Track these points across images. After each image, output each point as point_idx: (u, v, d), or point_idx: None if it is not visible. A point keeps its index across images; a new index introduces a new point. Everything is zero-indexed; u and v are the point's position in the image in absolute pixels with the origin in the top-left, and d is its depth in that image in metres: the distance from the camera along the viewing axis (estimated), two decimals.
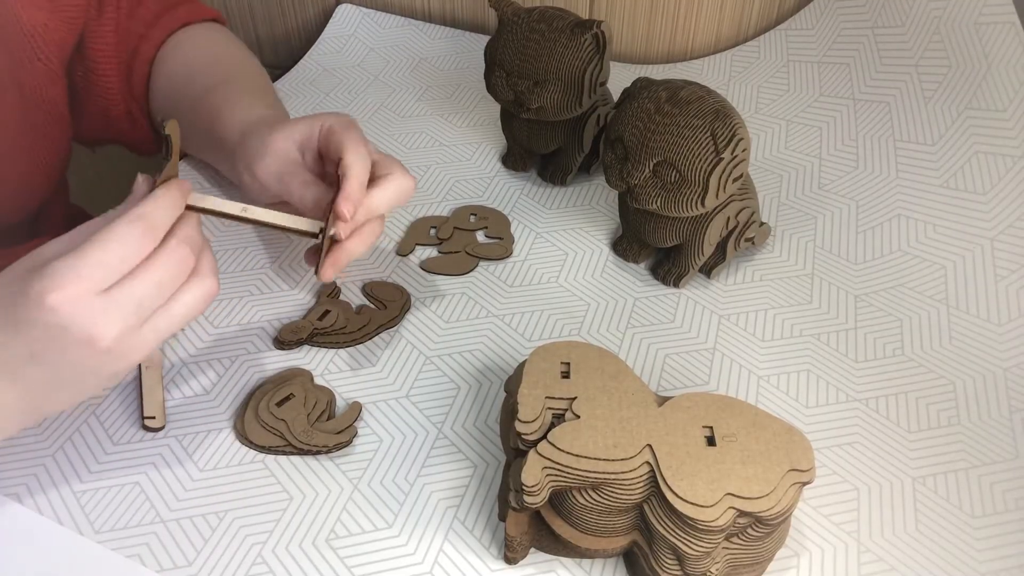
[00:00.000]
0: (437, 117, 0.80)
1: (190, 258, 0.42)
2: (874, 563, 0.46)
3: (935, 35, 0.70)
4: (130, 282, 0.39)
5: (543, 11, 0.62)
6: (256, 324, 0.58)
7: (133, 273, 0.40)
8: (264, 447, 0.50)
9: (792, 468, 0.40)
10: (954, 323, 0.59)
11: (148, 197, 0.41)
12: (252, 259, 0.63)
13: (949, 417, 0.53)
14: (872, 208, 0.68)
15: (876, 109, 0.72)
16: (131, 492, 0.48)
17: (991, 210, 0.62)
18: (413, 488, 0.49)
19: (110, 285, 0.39)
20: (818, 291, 0.62)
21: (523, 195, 0.70)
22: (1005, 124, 0.64)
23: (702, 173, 0.52)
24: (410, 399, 0.53)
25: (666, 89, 0.53)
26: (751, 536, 0.41)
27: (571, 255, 0.65)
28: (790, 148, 0.75)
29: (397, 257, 0.64)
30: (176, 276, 0.41)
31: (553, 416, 0.43)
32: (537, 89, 0.62)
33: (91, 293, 0.38)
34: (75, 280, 0.38)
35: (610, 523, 0.42)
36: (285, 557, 0.45)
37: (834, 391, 0.55)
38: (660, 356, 0.57)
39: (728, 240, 0.60)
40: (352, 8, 0.94)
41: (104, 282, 0.39)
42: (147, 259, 0.40)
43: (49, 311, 0.37)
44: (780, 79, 0.81)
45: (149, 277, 0.40)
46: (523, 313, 0.60)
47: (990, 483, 0.49)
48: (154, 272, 0.40)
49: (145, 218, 0.40)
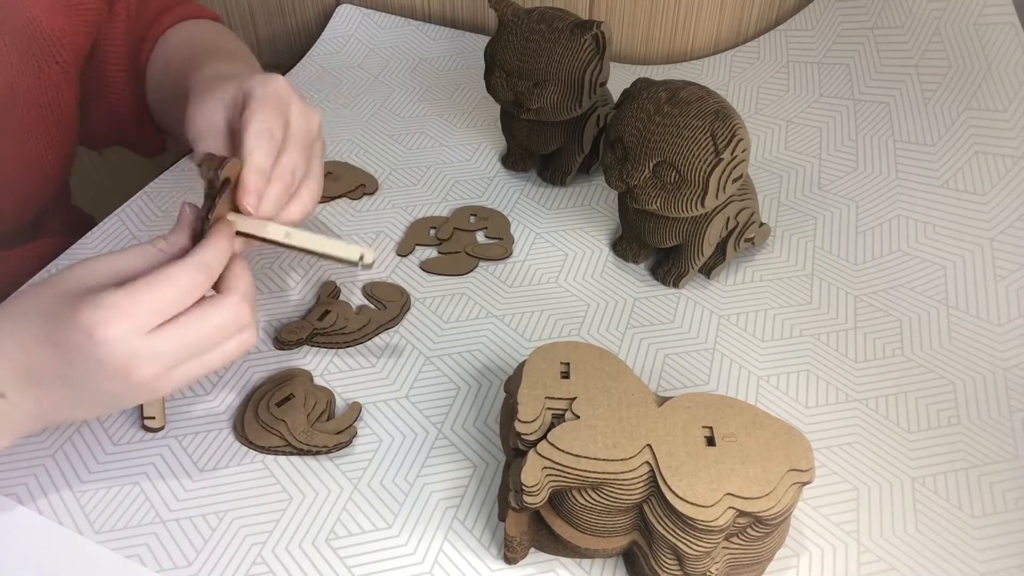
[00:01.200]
0: (437, 117, 0.80)
1: (248, 317, 0.42)
2: (874, 563, 0.46)
3: (935, 35, 0.70)
4: (180, 329, 0.39)
5: (543, 12, 0.62)
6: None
7: (185, 319, 0.40)
8: (264, 447, 0.50)
9: (792, 468, 0.40)
10: (954, 323, 0.59)
11: (209, 244, 0.41)
12: (252, 259, 0.63)
13: (949, 417, 0.53)
14: (872, 208, 0.68)
15: (876, 109, 0.72)
16: (131, 492, 0.48)
17: (991, 210, 0.63)
18: (413, 488, 0.49)
19: (157, 326, 0.39)
20: (818, 291, 0.62)
21: (523, 195, 0.70)
22: (1005, 124, 0.64)
23: (702, 173, 0.52)
24: (410, 399, 0.53)
25: (666, 90, 0.53)
26: (751, 536, 0.41)
27: (571, 255, 0.65)
28: (790, 148, 0.75)
29: (397, 257, 0.64)
30: (230, 332, 0.41)
31: (553, 416, 0.43)
32: (537, 90, 0.62)
33: (137, 333, 0.38)
34: (126, 318, 0.38)
35: (610, 523, 0.42)
36: (285, 557, 0.45)
37: (834, 391, 0.55)
38: (660, 356, 0.57)
39: (728, 240, 0.60)
40: (352, 8, 0.94)
41: (152, 323, 0.39)
42: (205, 309, 0.40)
43: (95, 343, 0.38)
44: (780, 80, 0.81)
45: (201, 329, 0.40)
46: (523, 313, 0.60)
47: (990, 483, 0.49)
48: (208, 325, 0.40)
49: (203, 268, 0.40)
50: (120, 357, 0.38)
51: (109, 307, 0.38)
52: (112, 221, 0.65)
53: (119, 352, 0.38)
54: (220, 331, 0.41)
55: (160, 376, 0.40)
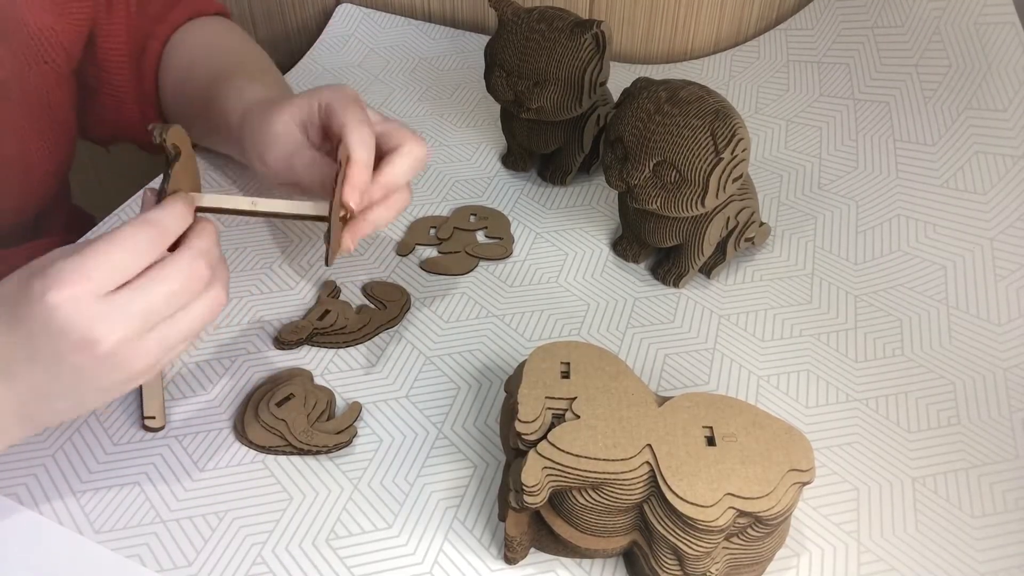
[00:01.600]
0: (437, 117, 0.80)
1: (206, 272, 0.40)
2: (874, 563, 0.46)
3: (935, 35, 0.70)
4: (138, 289, 0.38)
5: (543, 11, 0.62)
6: (256, 324, 0.58)
7: (142, 280, 0.39)
8: (264, 447, 0.50)
9: (792, 468, 0.40)
10: (954, 323, 0.59)
11: (159, 205, 0.41)
12: (252, 259, 0.63)
13: (949, 417, 0.53)
14: (872, 208, 0.68)
15: (876, 109, 0.72)
16: (131, 492, 0.48)
17: (991, 210, 0.63)
18: (413, 488, 0.49)
19: (115, 288, 0.38)
20: (818, 291, 0.62)
21: (523, 195, 0.70)
22: (1005, 124, 0.64)
23: (702, 173, 0.52)
24: (410, 399, 0.53)
25: (666, 89, 0.53)
26: (751, 536, 0.41)
27: (571, 255, 0.65)
28: (790, 148, 0.75)
29: (397, 257, 0.64)
30: (189, 289, 0.40)
31: (553, 416, 0.43)
32: (537, 89, 0.62)
33: (93, 295, 0.37)
34: (77, 280, 0.37)
35: (610, 523, 0.42)
36: (285, 557, 0.45)
37: (834, 391, 0.55)
38: (660, 356, 0.57)
39: (728, 240, 0.60)
40: (352, 8, 0.94)
41: (108, 284, 0.38)
42: (159, 268, 0.39)
43: (49, 309, 0.37)
44: (780, 79, 0.81)
45: (159, 287, 0.39)
46: (523, 313, 0.60)
47: (990, 483, 0.49)
48: (165, 283, 0.39)
49: (153, 223, 0.39)
50: (79, 321, 0.37)
51: (59, 271, 0.37)
52: (112, 221, 0.65)
53: (76, 316, 0.37)
54: (182, 289, 0.39)
55: (129, 342, 0.38)
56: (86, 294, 0.37)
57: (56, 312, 0.37)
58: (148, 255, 0.39)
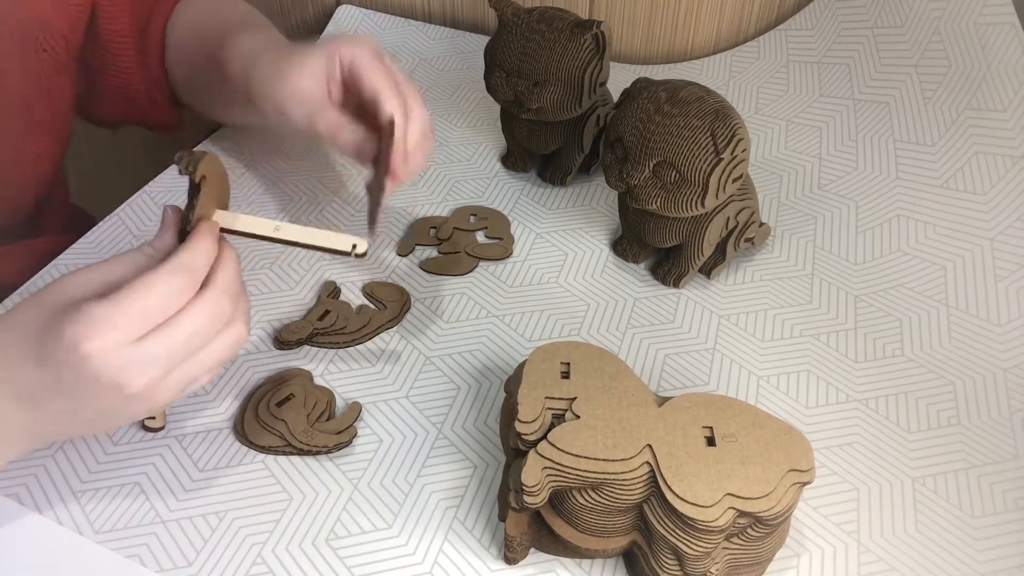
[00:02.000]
0: (437, 117, 0.80)
1: (228, 309, 0.41)
2: (874, 563, 0.46)
3: (935, 35, 0.70)
4: (166, 333, 0.39)
5: (543, 11, 0.62)
6: (256, 324, 0.58)
7: (169, 323, 0.39)
8: (264, 447, 0.50)
9: (792, 468, 0.40)
10: (954, 323, 0.59)
11: (188, 246, 0.41)
12: (252, 259, 0.63)
13: (949, 417, 0.53)
14: (872, 208, 0.68)
15: (876, 109, 0.72)
16: (131, 492, 0.48)
17: (991, 210, 0.63)
18: (413, 488, 0.49)
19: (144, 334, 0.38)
20: (818, 291, 0.62)
21: (523, 195, 0.70)
22: (1005, 124, 0.64)
23: (702, 173, 0.52)
24: (410, 399, 0.53)
25: (666, 89, 0.53)
26: (751, 536, 0.41)
27: (571, 255, 0.65)
28: (790, 148, 0.75)
29: (397, 257, 0.64)
30: (213, 328, 0.40)
31: (553, 416, 0.43)
32: (537, 89, 0.62)
33: (125, 344, 0.38)
34: (111, 330, 0.37)
35: (610, 523, 0.42)
36: (285, 557, 0.45)
37: (834, 391, 0.55)
38: (660, 356, 0.57)
39: (728, 240, 0.60)
40: (352, 9, 0.94)
41: (139, 332, 0.38)
42: (186, 311, 0.39)
43: (82, 358, 0.37)
44: (780, 79, 0.81)
45: (184, 329, 0.39)
46: (523, 313, 0.60)
47: (990, 483, 0.49)
48: (191, 324, 0.39)
49: (186, 268, 0.39)
50: (111, 370, 0.38)
51: (91, 320, 0.37)
52: (112, 221, 0.65)
53: (109, 365, 0.37)
54: (204, 329, 0.40)
55: (157, 384, 0.39)
56: (118, 344, 0.38)
57: (87, 362, 0.37)
58: (179, 301, 0.39)
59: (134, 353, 0.38)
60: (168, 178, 0.70)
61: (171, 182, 0.70)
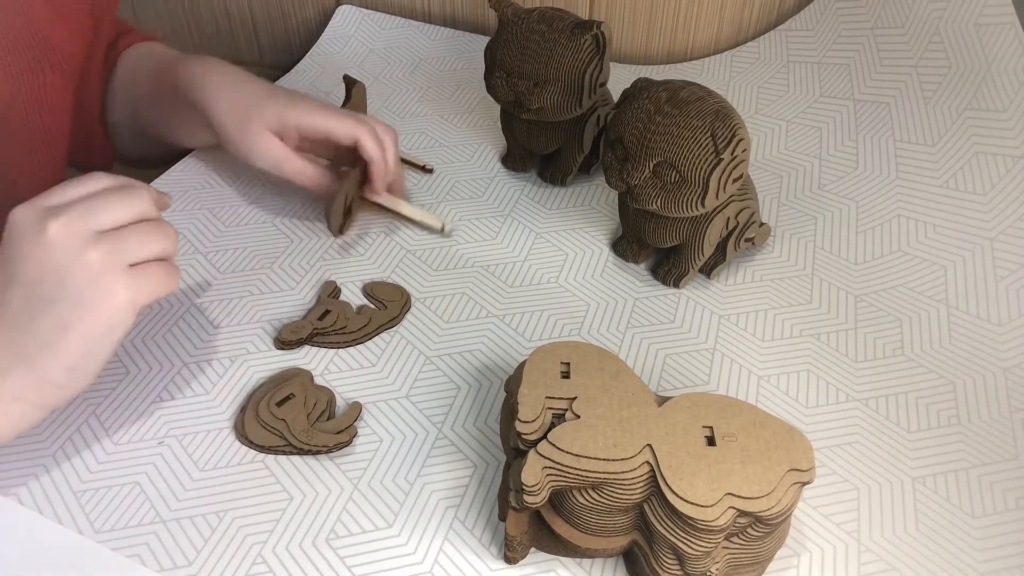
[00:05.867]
0: (437, 117, 0.80)
1: (143, 192, 0.46)
2: (874, 563, 0.46)
3: (935, 35, 0.70)
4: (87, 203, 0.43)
5: (543, 12, 0.62)
6: (256, 324, 0.58)
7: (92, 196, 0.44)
8: (264, 447, 0.50)
9: (792, 468, 0.40)
10: (954, 323, 0.59)
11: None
12: (252, 259, 0.63)
13: (949, 417, 0.53)
14: (872, 208, 0.68)
15: (876, 109, 0.72)
16: (131, 492, 0.48)
17: (991, 210, 0.63)
18: (413, 488, 0.49)
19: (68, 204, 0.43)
20: (818, 291, 0.62)
21: (523, 195, 0.70)
22: (1005, 124, 0.64)
23: (702, 173, 0.52)
24: (410, 399, 0.53)
25: (666, 90, 0.53)
26: (751, 536, 0.41)
27: (571, 255, 0.65)
28: (790, 148, 0.75)
29: (397, 257, 0.64)
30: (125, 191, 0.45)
31: (553, 416, 0.43)
32: (537, 90, 0.62)
33: (51, 208, 0.42)
34: (41, 199, 0.43)
35: (610, 523, 0.42)
36: (285, 557, 0.45)
37: (834, 391, 0.55)
38: (660, 356, 0.57)
39: (728, 240, 0.60)
40: (352, 9, 0.94)
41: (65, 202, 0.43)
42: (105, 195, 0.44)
43: (11, 223, 0.42)
44: (780, 80, 0.81)
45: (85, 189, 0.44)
46: (523, 313, 0.60)
47: (990, 483, 0.49)
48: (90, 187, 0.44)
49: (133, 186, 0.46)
50: (28, 225, 0.42)
51: (32, 200, 0.43)
52: None
53: (27, 216, 0.42)
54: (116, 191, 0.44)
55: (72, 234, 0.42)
56: (39, 205, 0.43)
57: (13, 222, 0.42)
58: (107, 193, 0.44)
59: (60, 214, 0.42)
60: (167, 179, 0.71)
61: (171, 183, 0.70)
